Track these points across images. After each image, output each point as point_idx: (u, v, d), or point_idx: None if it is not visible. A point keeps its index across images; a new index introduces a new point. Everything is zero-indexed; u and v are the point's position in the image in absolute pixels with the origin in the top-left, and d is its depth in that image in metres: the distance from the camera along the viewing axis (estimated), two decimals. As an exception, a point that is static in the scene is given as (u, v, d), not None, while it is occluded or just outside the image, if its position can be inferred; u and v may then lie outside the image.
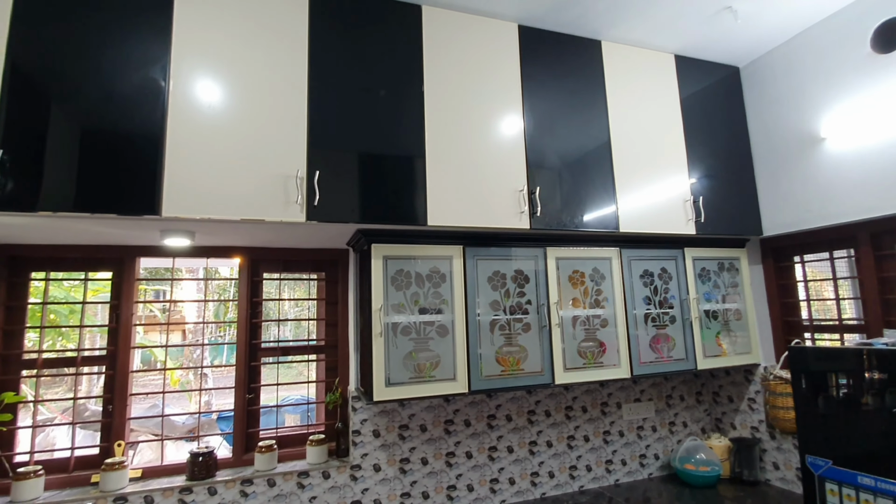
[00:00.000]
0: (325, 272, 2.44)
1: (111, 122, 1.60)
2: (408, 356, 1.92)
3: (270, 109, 1.76)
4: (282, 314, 2.46)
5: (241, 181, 1.69)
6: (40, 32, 1.57)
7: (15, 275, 2.00)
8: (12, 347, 1.97)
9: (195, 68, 1.70)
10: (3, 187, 1.46)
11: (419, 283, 1.99)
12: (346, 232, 2.01)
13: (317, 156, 1.79)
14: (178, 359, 7.22)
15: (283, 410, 3.88)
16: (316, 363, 2.40)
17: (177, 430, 4.33)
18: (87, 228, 1.77)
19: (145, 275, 2.50)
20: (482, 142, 2.04)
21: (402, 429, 2.22)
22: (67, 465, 1.95)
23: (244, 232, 1.92)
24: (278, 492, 2.03)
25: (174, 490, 1.92)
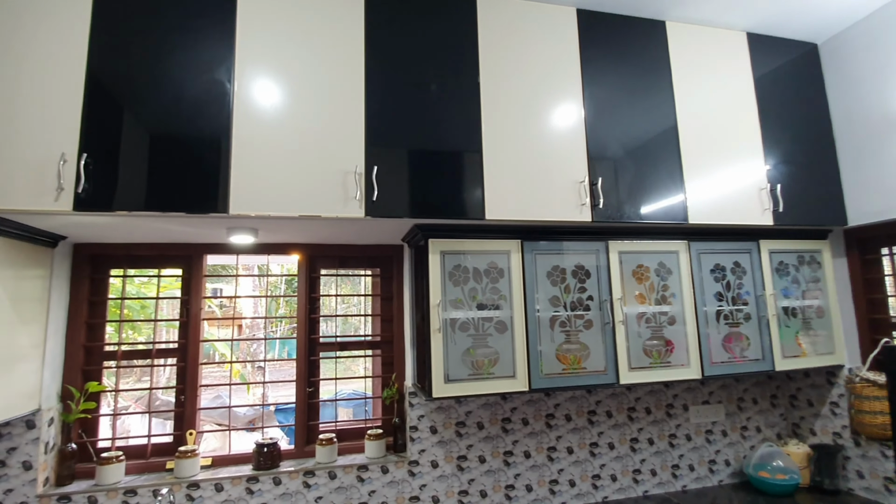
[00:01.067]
0: (380, 268, 2.45)
1: (180, 124, 1.66)
2: (466, 352, 1.89)
3: (329, 107, 1.77)
4: (339, 310, 2.49)
5: (302, 178, 1.71)
6: (115, 42, 1.65)
7: (96, 272, 2.12)
8: (95, 340, 2.10)
9: (257, 70, 1.73)
10: (85, 189, 1.54)
11: (477, 279, 1.95)
12: (402, 227, 2.01)
13: (375, 151, 1.79)
14: (235, 353, 7.55)
15: (341, 404, 3.96)
16: (372, 358, 2.42)
17: (238, 421, 4.51)
18: (158, 227, 1.85)
19: (211, 272, 2.60)
20: (540, 132, 1.97)
21: (458, 426, 2.20)
22: (145, 452, 2.06)
23: (303, 229, 1.95)
24: (339, 484, 2.06)
25: (242, 479, 1.98)
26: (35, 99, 1.55)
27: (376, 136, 1.80)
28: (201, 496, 1.93)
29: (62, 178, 1.52)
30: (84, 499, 1.84)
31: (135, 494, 1.88)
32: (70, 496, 1.83)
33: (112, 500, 1.86)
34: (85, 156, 1.55)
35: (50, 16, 1.60)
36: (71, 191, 1.53)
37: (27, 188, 1.51)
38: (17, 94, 1.55)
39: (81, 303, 2.06)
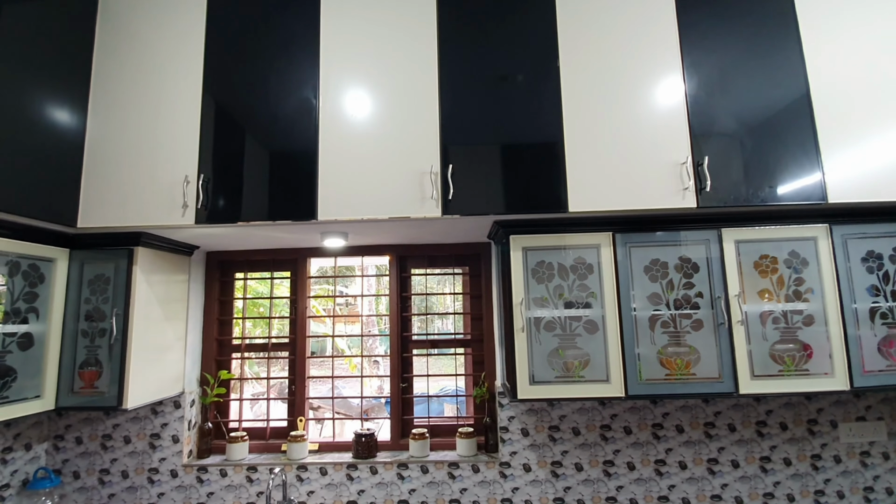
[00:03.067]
0: (468, 266, 2.45)
1: (278, 140, 1.83)
2: (553, 353, 1.79)
3: (404, 110, 1.81)
4: (430, 308, 2.54)
5: (380, 182, 1.77)
6: (222, 76, 1.87)
7: (224, 275, 2.45)
8: (225, 334, 2.42)
9: (338, 83, 1.84)
10: (203, 204, 1.78)
11: (563, 275, 1.83)
12: (484, 224, 1.97)
13: (449, 150, 1.78)
14: (354, 348, 8.17)
15: (443, 400, 4.06)
16: (464, 356, 2.42)
17: (353, 411, 4.88)
18: (267, 234, 2.06)
19: (323, 273, 2.83)
20: (630, 113, 1.79)
21: (552, 430, 2.10)
22: (264, 434, 2.32)
23: (389, 230, 2.02)
24: (431, 479, 2.10)
25: (343, 465, 2.12)
26: (166, 131, 1.84)
27: (450, 134, 1.79)
28: (308, 478, 2.12)
29: (186, 197, 1.78)
30: (217, 471, 2.13)
31: (255, 471, 2.13)
32: (207, 468, 2.14)
33: (238, 473, 2.13)
34: (202, 176, 1.79)
35: (174, 60, 1.88)
36: (193, 207, 1.78)
37: (161, 207, 1.79)
38: (155, 129, 1.84)
39: (213, 302, 2.39)
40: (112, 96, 1.88)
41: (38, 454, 2.11)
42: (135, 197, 1.80)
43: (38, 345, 1.76)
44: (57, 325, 1.83)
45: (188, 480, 2.13)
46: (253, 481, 2.12)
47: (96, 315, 1.87)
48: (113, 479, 2.14)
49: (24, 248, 1.72)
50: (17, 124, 1.59)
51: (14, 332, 1.68)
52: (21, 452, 2.02)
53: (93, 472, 2.15)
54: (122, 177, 1.82)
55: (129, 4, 1.94)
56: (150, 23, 1.92)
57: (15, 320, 1.68)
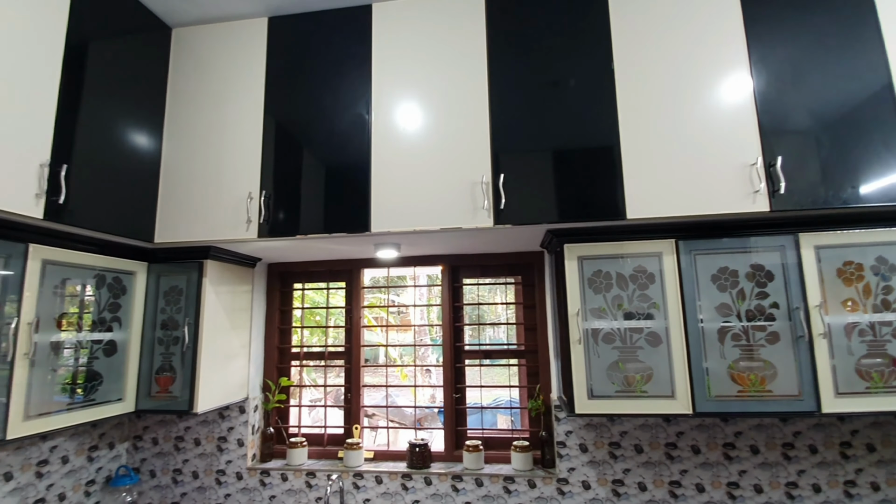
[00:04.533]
0: (521, 276, 2.41)
1: (333, 156, 1.89)
2: (613, 366, 1.72)
3: (454, 121, 1.82)
4: (482, 318, 2.52)
5: (432, 193, 1.78)
6: (284, 92, 1.96)
7: (284, 285, 2.55)
8: (285, 342, 2.52)
9: (390, 97, 1.87)
10: (271, 219, 1.86)
11: (622, 285, 1.76)
12: (537, 234, 1.94)
13: (500, 159, 1.77)
14: (406, 357, 8.25)
15: (495, 412, 4.01)
16: (518, 368, 2.38)
17: (406, 419, 4.92)
18: (323, 246, 2.12)
19: (375, 283, 2.89)
20: (693, 113, 1.70)
21: (612, 446, 2.01)
22: (322, 440, 2.38)
23: (441, 240, 2.02)
24: (486, 492, 2.06)
25: (398, 475, 2.14)
26: (232, 151, 1.95)
27: (501, 143, 1.78)
28: (364, 485, 2.15)
29: (249, 212, 1.87)
30: (279, 475, 2.21)
31: (314, 476, 2.19)
32: (269, 471, 2.22)
33: (297, 478, 2.19)
34: (264, 192, 1.88)
35: (238, 84, 2.00)
36: (256, 221, 1.87)
37: (228, 222, 1.89)
38: (222, 150, 1.96)
39: (274, 311, 2.49)
40: (184, 121, 2.02)
41: (120, 453, 2.27)
42: (204, 213, 1.92)
43: (120, 351, 1.91)
44: (137, 333, 1.98)
45: (252, 483, 2.22)
46: (312, 486, 2.18)
47: (170, 324, 2.00)
48: (185, 479, 2.27)
49: (108, 262, 1.87)
50: (104, 150, 1.74)
51: (100, 339, 1.83)
52: (105, 451, 2.19)
53: (167, 472, 2.29)
54: (192, 195, 1.95)
55: (198, 35, 2.08)
56: (216, 51, 2.05)
57: (101, 329, 1.83)
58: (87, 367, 1.77)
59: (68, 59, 1.61)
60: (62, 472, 1.97)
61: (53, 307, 1.65)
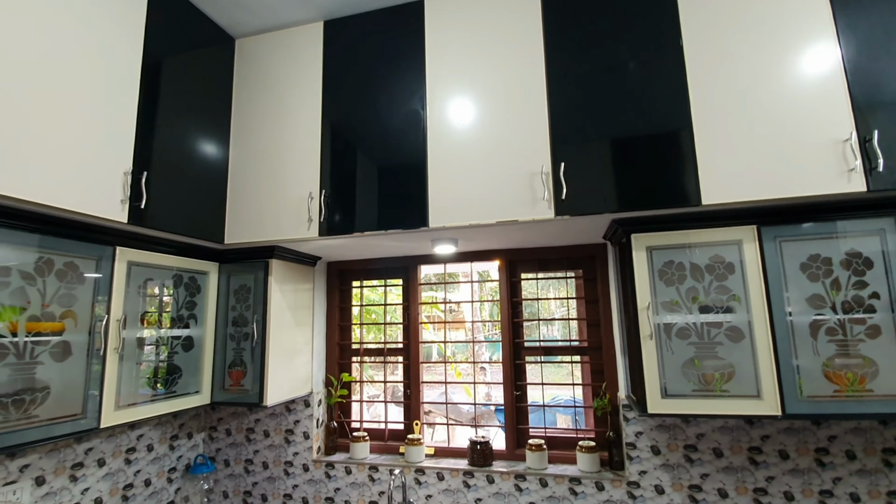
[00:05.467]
0: (582, 269, 2.32)
1: (389, 153, 1.90)
2: (688, 364, 1.61)
3: (511, 112, 1.77)
4: (543, 314, 2.46)
5: (489, 186, 1.75)
6: (340, 94, 2.00)
7: (343, 283, 2.61)
8: (345, 339, 2.57)
9: (445, 91, 1.86)
10: (326, 218, 1.90)
11: (696, 276, 1.64)
12: (600, 224, 1.85)
13: (561, 148, 1.70)
14: (464, 353, 8.25)
15: (554, 410, 3.91)
16: (581, 365, 2.29)
17: (462, 416, 4.91)
18: (380, 244, 2.14)
19: (428, 279, 2.90)
20: (773, 87, 1.55)
21: (688, 449, 1.88)
22: (383, 435, 2.41)
23: (498, 234, 1.98)
24: (551, 493, 2.00)
25: (459, 472, 2.12)
26: (292, 153, 2.01)
27: (562, 131, 1.72)
28: (426, 481, 2.15)
29: (310, 212, 1.92)
30: (343, 468, 2.26)
31: (376, 471, 2.21)
32: (333, 464, 2.27)
33: (361, 472, 2.23)
34: (323, 192, 1.92)
35: (297, 87, 2.05)
36: (316, 220, 1.91)
37: (290, 222, 1.95)
38: (283, 152, 2.02)
39: (334, 308, 2.55)
40: (248, 127, 2.10)
41: (198, 443, 2.41)
42: (268, 214, 1.99)
43: (197, 347, 2.02)
44: (211, 329, 2.08)
45: (317, 475, 2.28)
46: (374, 480, 2.21)
47: (240, 321, 2.09)
48: (256, 469, 2.37)
49: (184, 262, 1.98)
50: (178, 158, 1.85)
51: (179, 335, 1.94)
52: (185, 440, 2.33)
53: (240, 462, 2.40)
54: (257, 197, 2.02)
55: (259, 44, 2.16)
56: (276, 58, 2.12)
57: (179, 325, 1.95)
58: (167, 362, 1.88)
59: (145, 75, 1.72)
60: (147, 459, 2.11)
61: (138, 305, 1.76)
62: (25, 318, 1.41)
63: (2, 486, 1.57)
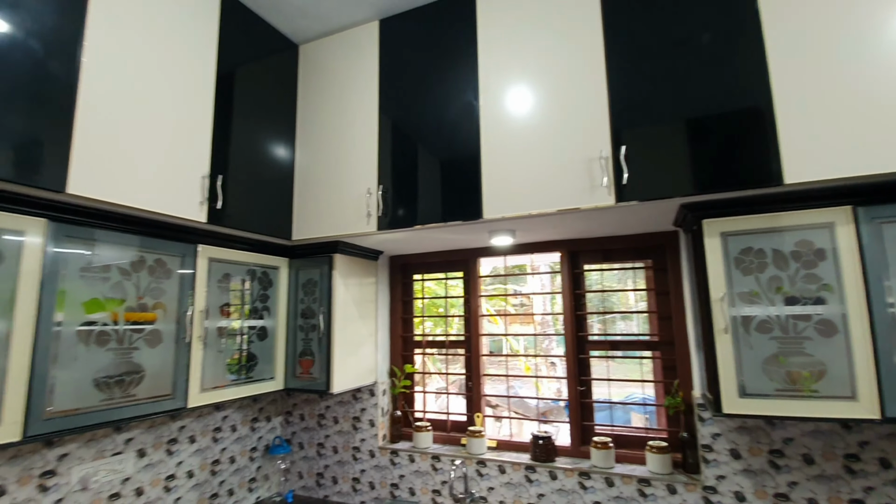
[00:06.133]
0: (651, 259, 2.19)
1: (443, 146, 1.90)
2: (771, 360, 1.46)
3: (567, 96, 1.70)
4: (608, 306, 2.35)
5: (546, 175, 1.70)
6: (395, 90, 2.04)
7: (405, 277, 2.67)
8: (408, 331, 2.63)
9: (498, 80, 1.83)
10: (388, 212, 1.95)
11: (780, 264, 1.49)
12: (668, 210, 1.73)
13: (621, 131, 1.61)
14: (535, 347, 8.10)
15: (624, 408, 3.74)
16: (652, 361, 2.17)
17: (530, 411, 4.83)
18: (439, 237, 2.16)
19: (497, 272, 2.88)
20: (868, 51, 1.35)
21: (773, 454, 1.72)
22: (445, 426, 2.44)
23: (558, 225, 1.92)
24: (618, 493, 1.92)
25: (521, 466, 2.09)
26: (351, 151, 2.08)
27: (622, 113, 1.62)
28: (488, 473, 2.14)
29: (369, 207, 1.98)
30: (407, 456, 2.32)
31: (439, 460, 2.25)
32: (398, 452, 2.34)
33: (424, 461, 2.28)
34: (381, 187, 1.98)
35: (355, 87, 2.12)
36: (375, 215, 1.97)
37: (350, 217, 2.03)
38: (343, 150, 2.10)
39: (397, 301, 2.62)
40: (311, 128, 2.21)
41: (275, 426, 2.59)
42: (330, 211, 2.08)
43: (270, 337, 2.17)
44: (282, 321, 2.23)
45: (383, 461, 2.37)
46: (437, 470, 2.25)
47: (308, 313, 2.21)
48: (327, 453, 2.51)
49: (258, 259, 2.13)
50: (250, 161, 1.99)
51: (254, 325, 2.10)
52: (264, 423, 2.51)
53: (312, 445, 2.55)
54: (320, 195, 2.12)
55: (320, 48, 2.26)
56: (336, 60, 2.20)
57: (254, 317, 2.10)
58: (245, 350, 2.04)
59: (219, 85, 1.87)
60: (232, 438, 2.31)
61: (218, 298, 1.93)
62: (124, 309, 1.59)
63: (110, 456, 1.79)
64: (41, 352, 1.35)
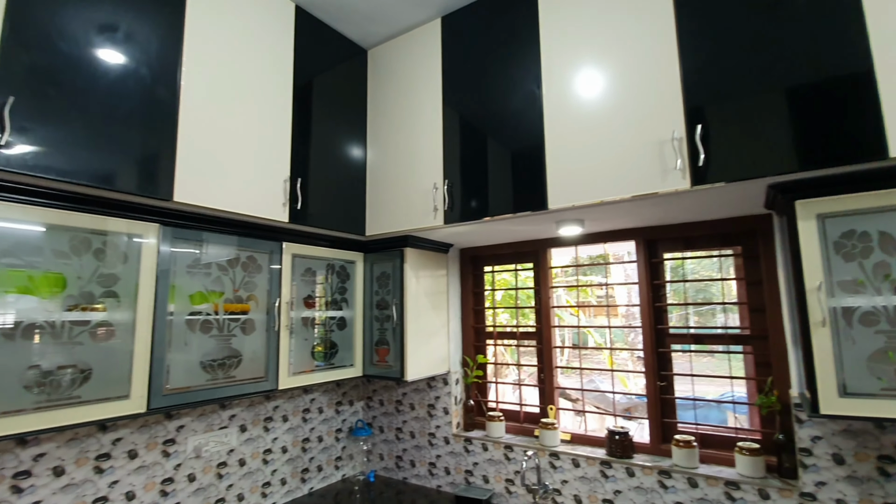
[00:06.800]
0: (741, 246, 2.01)
1: (506, 137, 1.90)
2: (877, 356, 1.29)
3: (634, 76, 1.62)
4: (691, 297, 2.20)
5: (613, 161, 1.63)
6: (458, 83, 2.06)
7: (475, 269, 2.71)
8: (479, 322, 2.67)
9: (560, 66, 1.78)
10: (454, 205, 2.00)
11: (888, 249, 1.30)
12: (755, 192, 1.58)
13: (697, 108, 1.50)
14: (620, 340, 7.75)
15: (718, 407, 3.47)
16: (743, 356, 2.00)
17: (610, 405, 4.66)
18: (508, 229, 2.16)
19: (575, 262, 2.82)
20: None
21: (882, 460, 1.51)
22: (517, 417, 2.44)
23: (629, 212, 1.84)
24: (702, 495, 1.80)
25: (596, 461, 2.05)
26: (418, 147, 2.15)
27: (697, 89, 1.51)
28: (561, 466, 2.12)
29: (435, 201, 2.04)
30: (480, 444, 2.37)
31: (511, 450, 2.27)
32: (471, 440, 2.39)
33: (497, 449, 2.31)
34: (447, 181, 2.02)
35: (420, 84, 2.19)
36: (441, 209, 2.03)
37: (418, 212, 2.10)
38: (410, 147, 2.18)
39: (468, 293, 2.67)
40: (381, 128, 2.31)
41: (357, 410, 2.77)
42: (400, 206, 2.17)
43: (349, 326, 2.32)
44: (360, 311, 2.37)
45: (457, 448, 2.43)
46: (510, 459, 2.27)
47: (383, 304, 2.33)
48: (405, 437, 2.64)
49: (336, 254, 2.29)
50: (326, 162, 2.14)
51: (334, 316, 2.26)
52: (347, 407, 2.70)
53: (391, 429, 2.69)
54: (390, 191, 2.22)
55: (386, 51, 2.35)
56: (401, 60, 2.28)
57: (334, 308, 2.27)
58: (327, 338, 2.21)
59: (296, 93, 2.03)
60: (319, 419, 2.52)
61: (302, 290, 2.11)
62: (223, 301, 1.80)
63: (217, 430, 2.05)
64: (159, 337, 1.58)
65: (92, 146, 1.39)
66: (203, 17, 1.70)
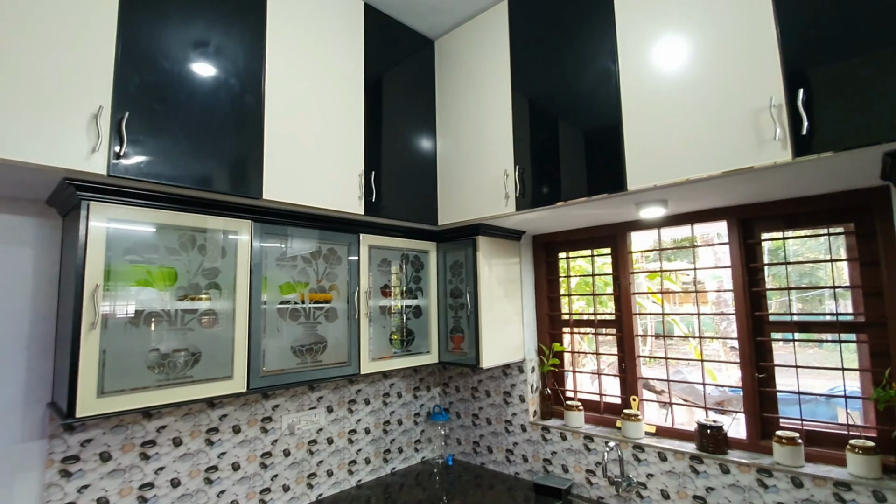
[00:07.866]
0: (853, 223, 1.79)
1: (579, 117, 1.83)
2: None
3: (722, 41, 1.48)
4: (793, 281, 1.99)
5: (699, 135, 1.51)
6: (526, 67, 2.02)
7: (549, 256, 2.65)
8: (554, 310, 2.62)
9: (637, 37, 1.67)
10: (525, 191, 1.97)
11: None
12: (868, 162, 1.39)
13: (798, 71, 1.34)
14: (709, 329, 7.21)
15: (828, 402, 3.12)
16: (857, 346, 1.78)
17: (701, 399, 4.36)
18: (583, 213, 2.09)
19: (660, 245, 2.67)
20: None
21: None
22: (597, 407, 2.37)
23: (719, 189, 1.70)
24: (807, 496, 1.65)
25: (685, 455, 1.94)
26: (487, 134, 2.14)
27: (798, 50, 1.35)
28: (646, 459, 2.04)
29: (507, 188, 2.02)
30: (558, 433, 2.33)
31: (591, 441, 2.21)
32: (549, 428, 2.37)
33: (576, 440, 2.26)
34: (517, 167, 1.99)
35: (487, 71, 2.17)
36: (513, 196, 2.00)
37: (489, 200, 2.09)
38: (479, 135, 2.17)
39: (542, 280, 2.62)
40: (450, 118, 2.33)
41: (435, 395, 2.85)
42: (471, 195, 2.18)
43: (424, 314, 2.38)
44: (434, 300, 2.42)
45: (535, 436, 2.42)
46: (590, 450, 2.21)
47: (457, 293, 2.36)
48: (481, 423, 2.67)
49: (410, 244, 2.35)
50: (398, 155, 2.20)
51: (410, 304, 2.33)
52: (425, 392, 2.78)
53: (468, 415, 2.74)
54: (461, 180, 2.23)
55: (453, 40, 2.35)
56: (468, 48, 2.27)
57: (409, 297, 2.33)
58: (403, 326, 2.29)
59: (367, 89, 2.09)
60: (398, 403, 2.62)
61: (378, 280, 2.19)
62: (308, 291, 1.93)
63: (308, 410, 2.20)
64: (255, 324, 1.73)
65: (192, 153, 1.54)
66: (281, 25, 1.81)
